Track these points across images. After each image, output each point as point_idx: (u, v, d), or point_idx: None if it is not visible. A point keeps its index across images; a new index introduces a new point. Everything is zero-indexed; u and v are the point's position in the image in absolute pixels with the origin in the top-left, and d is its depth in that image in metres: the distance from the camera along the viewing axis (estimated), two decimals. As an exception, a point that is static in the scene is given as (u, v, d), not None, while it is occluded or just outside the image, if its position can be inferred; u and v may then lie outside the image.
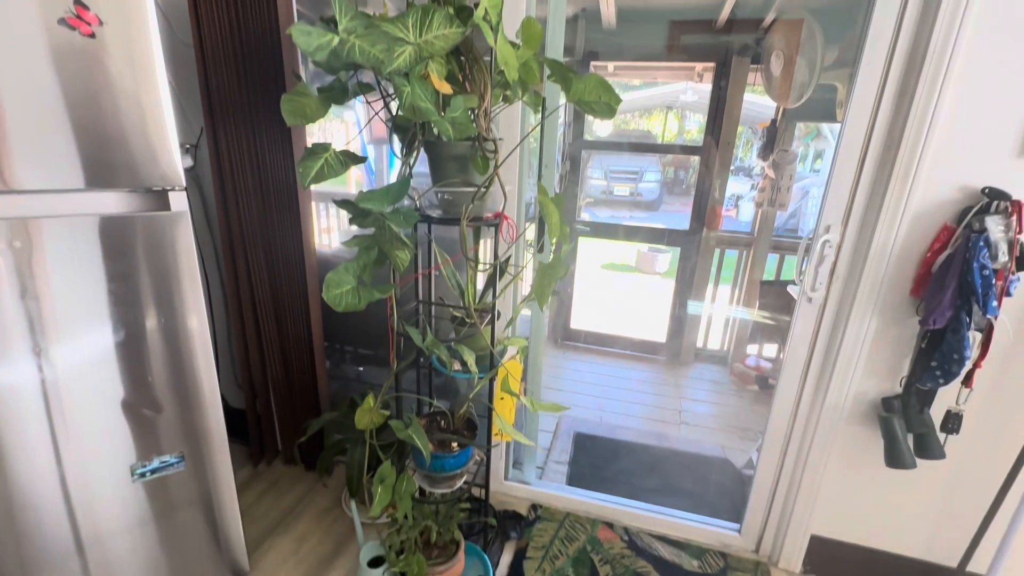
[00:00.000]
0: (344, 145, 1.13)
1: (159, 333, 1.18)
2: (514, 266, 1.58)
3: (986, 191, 1.19)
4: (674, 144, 6.59)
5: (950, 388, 1.29)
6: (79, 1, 0.94)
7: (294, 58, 1.52)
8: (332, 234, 2.19)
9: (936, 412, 1.34)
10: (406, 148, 1.21)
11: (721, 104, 2.86)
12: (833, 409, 1.45)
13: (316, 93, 1.12)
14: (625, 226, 4.00)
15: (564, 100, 1.11)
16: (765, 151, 2.85)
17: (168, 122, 1.08)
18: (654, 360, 3.44)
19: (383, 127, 1.98)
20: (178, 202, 1.13)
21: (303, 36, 0.92)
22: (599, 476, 2.17)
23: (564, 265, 1.20)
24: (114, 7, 0.98)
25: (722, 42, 2.79)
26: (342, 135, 2.05)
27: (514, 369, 1.45)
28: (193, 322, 1.21)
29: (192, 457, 1.29)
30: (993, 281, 1.15)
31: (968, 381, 1.28)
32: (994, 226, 1.16)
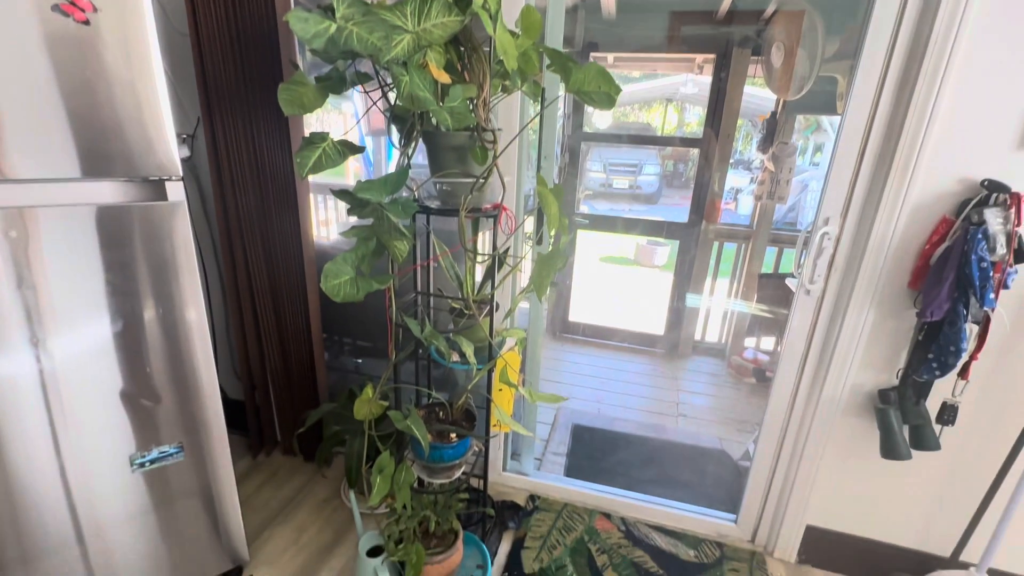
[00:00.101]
0: (342, 136, 1.12)
1: (157, 324, 1.18)
2: (513, 257, 1.58)
3: (985, 183, 1.19)
4: (674, 137, 6.57)
5: (946, 380, 1.30)
6: (73, -13, 0.93)
7: (291, 47, 1.51)
8: (331, 226, 2.18)
9: (932, 404, 1.35)
10: (404, 138, 1.21)
11: (721, 96, 2.85)
12: (830, 401, 1.46)
13: (314, 82, 1.12)
14: (624, 219, 4.00)
15: (563, 90, 1.10)
16: (765, 144, 2.84)
17: (164, 111, 1.07)
18: (652, 353, 3.45)
19: (381, 119, 1.97)
20: (175, 192, 1.13)
21: (300, 23, 0.92)
22: (597, 467, 2.18)
23: (563, 256, 1.20)
24: (108, -6, 0.97)
25: (723, 33, 2.77)
26: (340, 127, 2.04)
27: (512, 360, 1.46)
28: (191, 312, 1.21)
29: (191, 447, 1.29)
30: (991, 273, 1.16)
31: (964, 373, 1.29)
32: (993, 218, 1.16)
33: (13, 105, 0.93)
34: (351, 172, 2.09)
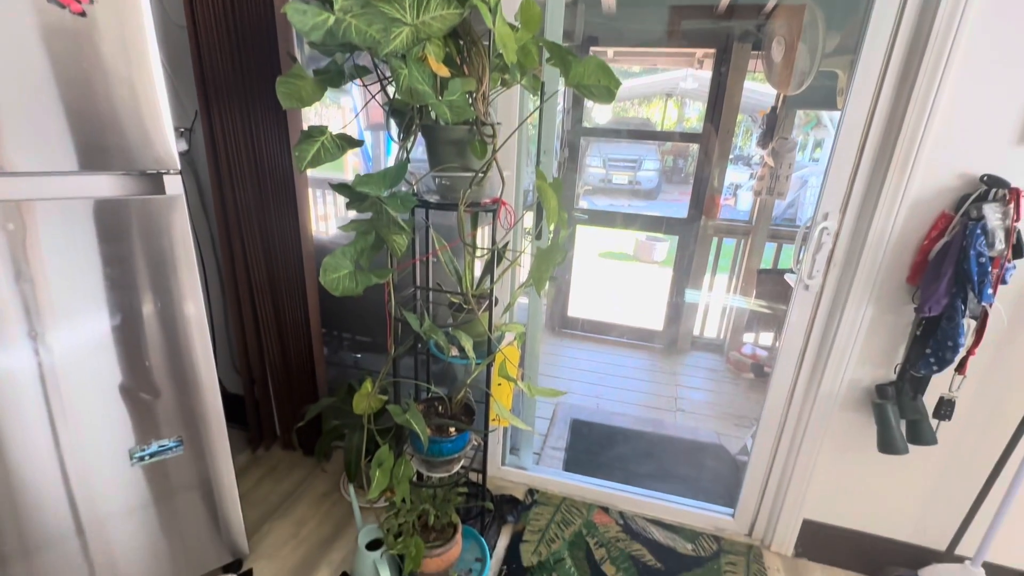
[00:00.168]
0: (340, 129, 1.12)
1: (156, 318, 1.17)
2: (512, 251, 1.58)
3: (985, 179, 1.19)
4: (673, 132, 6.55)
5: (943, 375, 1.30)
6: (69, -22, 0.92)
7: (289, 39, 1.50)
8: (329, 221, 2.18)
9: (929, 399, 1.36)
10: (403, 132, 1.20)
11: (721, 91, 2.84)
12: (827, 396, 1.46)
13: (312, 76, 1.11)
14: (623, 214, 3.99)
15: (563, 84, 1.10)
16: (765, 139, 2.83)
17: (162, 104, 1.07)
18: (651, 348, 3.46)
19: (380, 113, 1.96)
20: (173, 185, 1.12)
21: (298, 15, 0.91)
22: (595, 462, 2.19)
23: (562, 251, 1.20)
24: (105, -15, 0.96)
25: (723, 28, 2.76)
26: (339, 121, 2.03)
27: (511, 355, 1.46)
28: (190, 307, 1.21)
29: (191, 441, 1.30)
30: (989, 269, 1.16)
31: (962, 368, 1.29)
32: (992, 214, 1.16)
33: (9, 97, 0.93)
34: (350, 167, 2.08)
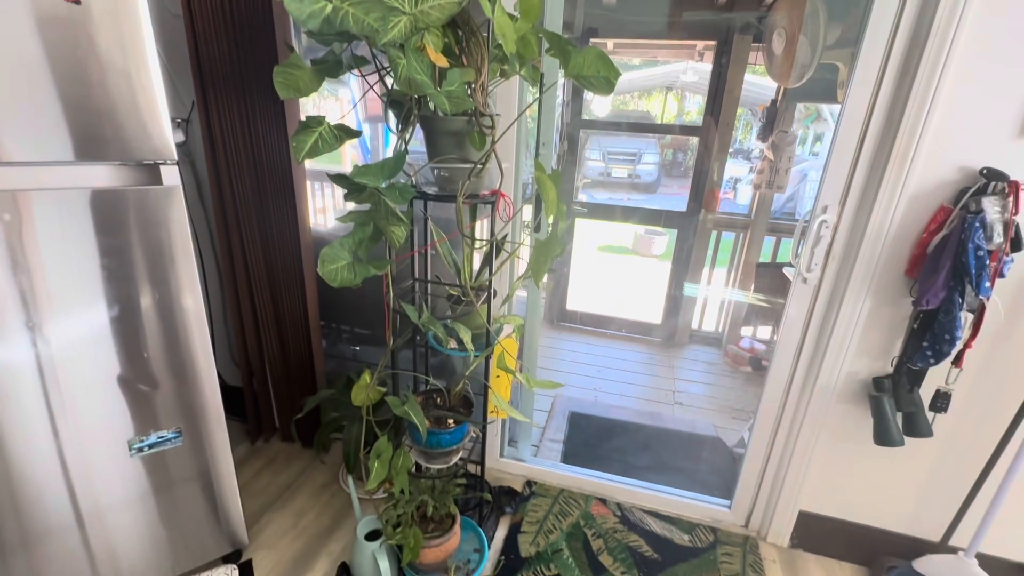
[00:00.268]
0: (338, 120, 1.11)
1: (154, 309, 1.17)
2: (511, 243, 1.58)
3: (984, 172, 1.19)
4: (673, 125, 6.53)
5: (940, 368, 1.31)
6: (63, -35, 0.91)
7: (286, 28, 1.49)
8: (328, 214, 2.17)
9: (926, 391, 1.37)
10: (402, 123, 1.20)
11: (721, 84, 2.82)
12: (824, 389, 1.47)
13: (310, 66, 1.10)
14: (622, 207, 3.99)
15: (563, 76, 1.09)
16: (764, 132, 2.83)
17: (158, 93, 1.06)
18: (649, 341, 3.47)
19: (378, 105, 1.95)
20: (170, 176, 1.12)
21: (295, 3, 0.90)
22: (593, 454, 2.20)
23: (560, 243, 1.19)
24: (99, -28, 0.95)
25: (724, 19, 2.74)
26: (337, 113, 2.02)
27: (510, 347, 1.46)
28: (188, 298, 1.21)
29: (190, 433, 1.30)
30: (987, 262, 1.16)
31: (958, 361, 1.30)
32: (991, 207, 1.16)
33: (3, 86, 0.92)
34: (348, 159, 2.07)
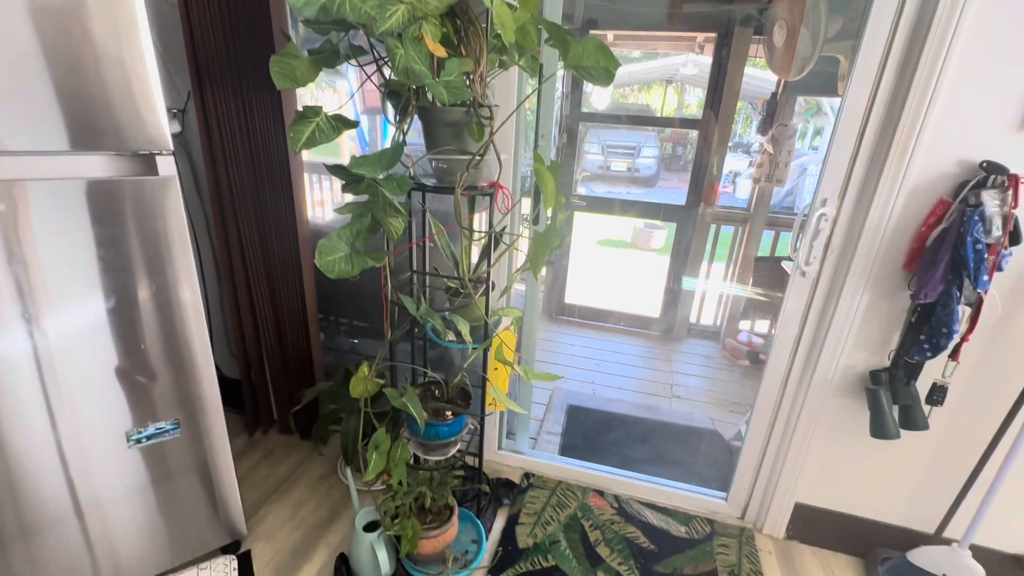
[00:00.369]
0: (335, 110, 1.10)
1: (151, 300, 1.17)
2: (509, 235, 1.57)
3: (984, 165, 1.18)
4: (673, 118, 6.50)
5: (937, 361, 1.31)
6: (55, -49, 0.90)
7: (283, 17, 1.47)
8: (326, 207, 2.16)
9: (922, 384, 1.37)
10: (400, 114, 1.19)
11: (722, 77, 2.81)
12: (822, 382, 1.47)
13: (306, 55, 1.09)
14: (621, 201, 3.98)
15: (562, 67, 1.08)
16: (764, 126, 2.81)
17: (153, 83, 1.05)
18: (647, 335, 3.47)
19: (376, 97, 1.93)
20: (166, 166, 1.11)
21: (292, -8, 0.89)
22: (591, 447, 2.21)
23: (559, 235, 1.19)
24: (93, -42, 0.94)
25: (724, 11, 2.72)
26: (334, 105, 2.01)
27: (508, 340, 1.46)
28: (185, 289, 1.20)
29: (188, 424, 1.30)
30: (985, 256, 1.16)
31: (955, 354, 1.30)
32: (990, 200, 1.16)
33: (-3, 74, 0.91)
34: (346, 152, 2.06)
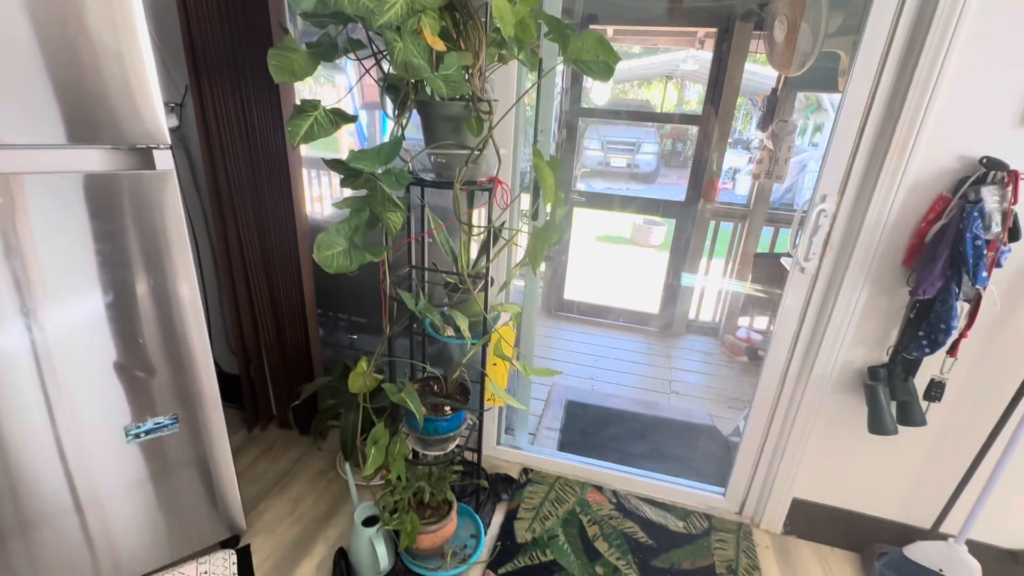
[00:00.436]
0: (334, 104, 1.09)
1: (149, 295, 1.17)
2: (508, 230, 1.57)
3: (984, 161, 1.18)
4: (673, 113, 6.49)
5: (935, 357, 1.31)
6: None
7: (281, 10, 1.47)
8: (325, 202, 2.15)
9: (920, 380, 1.37)
10: (398, 108, 1.18)
11: (722, 72, 2.80)
12: (820, 378, 1.48)
13: (304, 49, 1.08)
14: (621, 196, 3.97)
15: (561, 59, 1.08)
16: (764, 122, 2.80)
17: (150, 75, 1.04)
18: (646, 331, 3.48)
19: (375, 92, 1.93)
20: (163, 160, 1.10)
21: (289, -16, 0.88)
22: (590, 442, 2.21)
23: (558, 230, 1.19)
24: (88, -50, 0.93)
25: (725, 6, 2.71)
26: (333, 100, 1.99)
27: (507, 335, 1.46)
28: (183, 284, 1.20)
29: (186, 419, 1.30)
30: (984, 252, 1.16)
31: (953, 351, 1.30)
32: (989, 196, 1.16)
33: (-8, 67, 0.90)
34: (345, 148, 2.05)
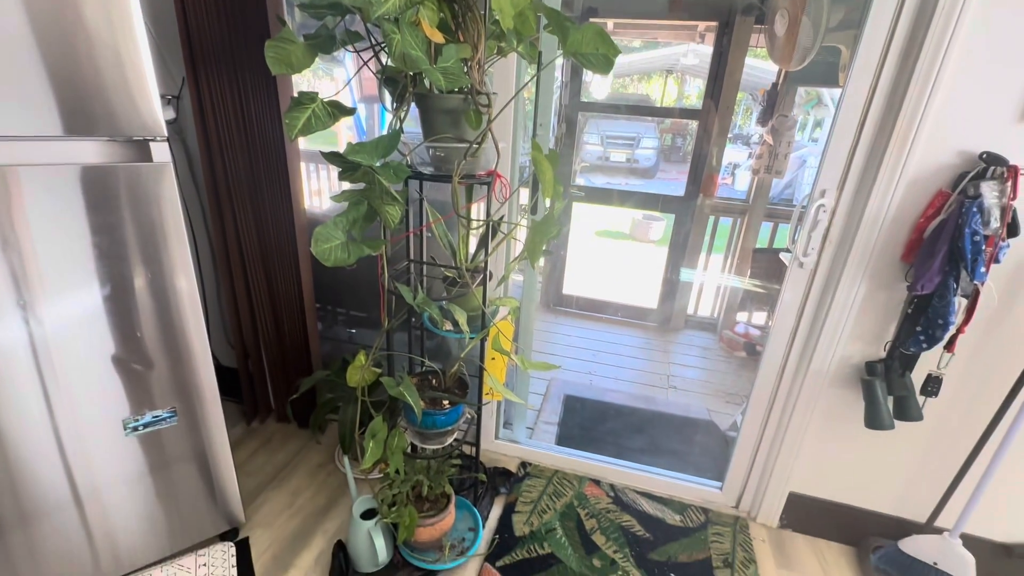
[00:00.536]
0: (332, 96, 1.09)
1: (147, 288, 1.16)
2: (507, 223, 1.57)
3: (984, 156, 1.18)
4: (673, 108, 6.47)
5: (932, 352, 1.32)
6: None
7: (278, 1, 1.45)
8: (323, 196, 2.15)
9: (917, 375, 1.38)
10: (396, 101, 1.18)
11: (722, 67, 2.79)
12: (817, 373, 1.48)
13: (302, 41, 1.08)
14: (620, 191, 3.97)
15: (561, 52, 1.07)
16: (764, 117, 2.80)
17: (147, 68, 1.04)
18: (645, 326, 3.48)
19: (373, 85, 1.92)
20: (160, 153, 1.10)
21: (286, -25, 0.87)
22: (588, 437, 2.22)
23: (557, 224, 1.19)
24: (83, -61, 0.92)
25: (725, 0, 2.69)
26: (332, 93, 1.99)
27: (505, 330, 1.46)
28: (181, 277, 1.20)
29: (185, 412, 1.30)
30: (983, 247, 1.16)
31: (950, 346, 1.31)
32: (989, 192, 1.16)
33: (-13, 57, 0.89)
34: (344, 142, 2.05)
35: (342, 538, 1.55)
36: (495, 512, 1.69)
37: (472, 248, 1.38)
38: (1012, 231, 1.17)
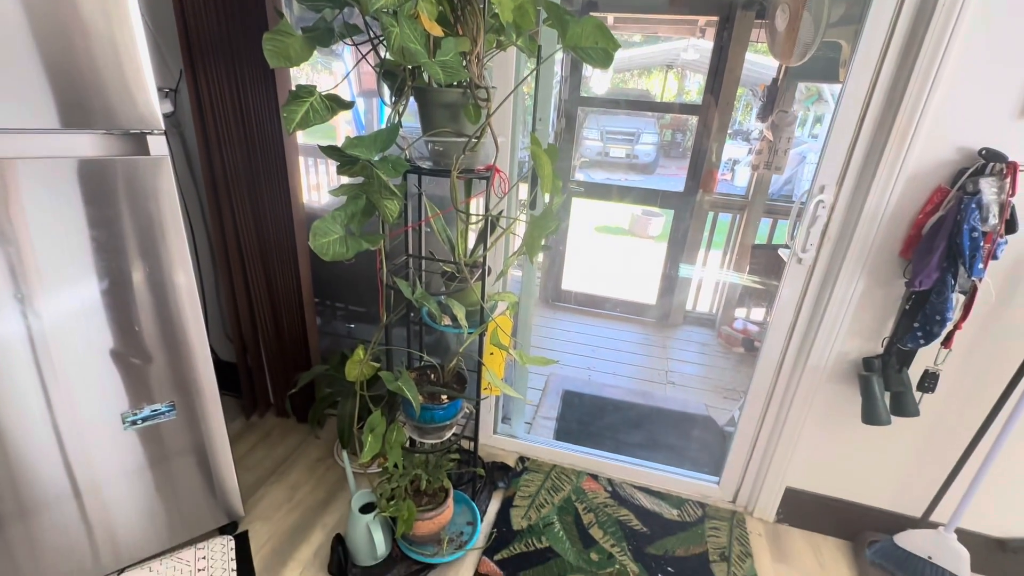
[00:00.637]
0: (330, 90, 1.08)
1: (145, 282, 1.16)
2: (506, 218, 1.57)
3: (983, 152, 1.18)
4: (673, 103, 6.44)
5: (929, 348, 1.32)
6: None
7: (276, -6, 1.44)
8: (322, 191, 2.14)
9: (914, 371, 1.38)
10: (395, 95, 1.17)
11: (723, 62, 2.78)
12: (815, 369, 1.49)
13: (300, 34, 1.07)
14: (619, 187, 3.96)
15: (560, 46, 1.07)
16: (764, 112, 2.79)
17: (143, 60, 1.03)
18: (643, 322, 3.49)
19: (372, 80, 1.90)
20: (157, 146, 1.09)
21: (284, -33, 0.87)
22: (586, 432, 2.23)
23: (555, 219, 1.18)
24: (79, -71, 0.91)
25: (727, -6, 2.68)
26: (330, 87, 1.97)
27: (504, 325, 1.46)
28: (179, 271, 1.20)
29: (183, 406, 1.30)
30: (981, 244, 1.16)
31: (948, 342, 1.31)
32: (987, 188, 1.15)
33: (-18, 49, 0.89)
34: (342, 136, 2.04)
35: (341, 532, 1.55)
36: (493, 506, 1.70)
37: (471, 243, 1.38)
38: (1010, 228, 1.17)
